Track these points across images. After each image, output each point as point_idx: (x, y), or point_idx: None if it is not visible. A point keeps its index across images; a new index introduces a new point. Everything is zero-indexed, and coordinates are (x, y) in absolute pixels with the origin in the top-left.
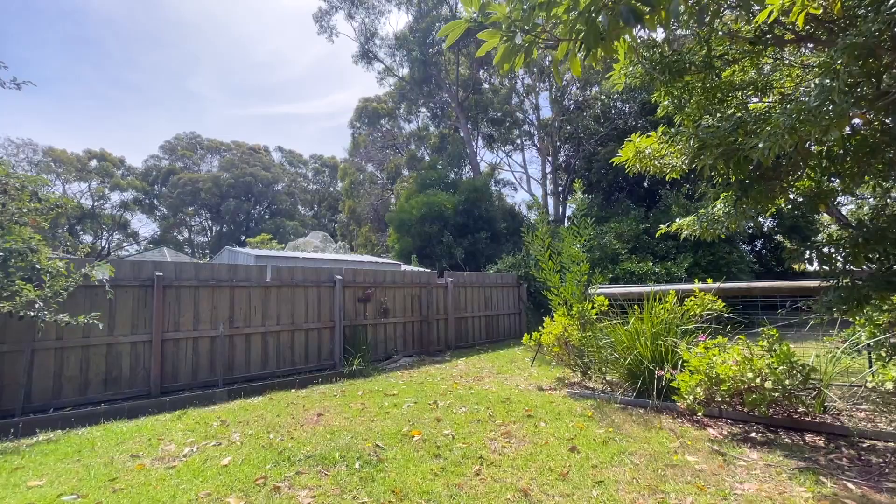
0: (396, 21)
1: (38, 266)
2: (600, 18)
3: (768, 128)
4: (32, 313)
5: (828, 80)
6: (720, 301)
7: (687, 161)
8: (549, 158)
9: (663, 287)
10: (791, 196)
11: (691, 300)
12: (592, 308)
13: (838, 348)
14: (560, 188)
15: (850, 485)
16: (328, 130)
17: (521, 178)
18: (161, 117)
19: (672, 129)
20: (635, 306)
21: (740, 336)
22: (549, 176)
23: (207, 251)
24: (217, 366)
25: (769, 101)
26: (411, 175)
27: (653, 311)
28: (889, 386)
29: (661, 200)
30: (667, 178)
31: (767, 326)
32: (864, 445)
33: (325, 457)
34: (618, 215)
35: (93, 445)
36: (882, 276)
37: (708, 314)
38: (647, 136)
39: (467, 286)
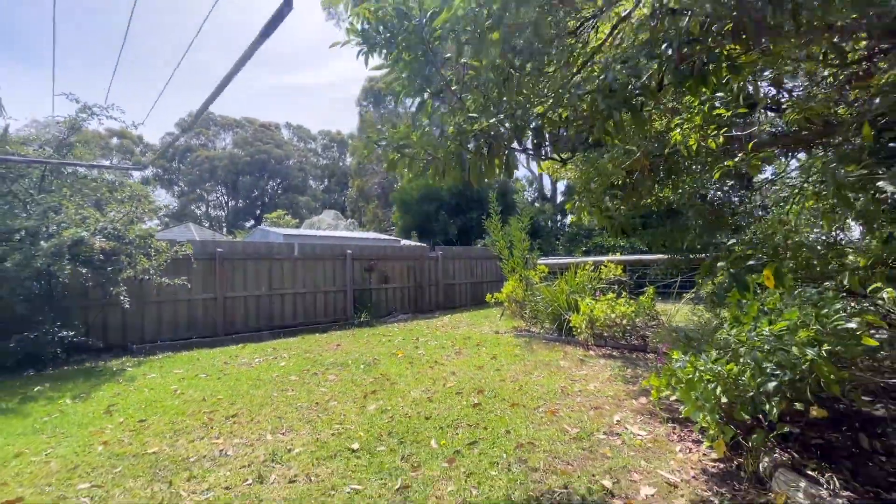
0: None
1: (151, 245)
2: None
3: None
4: (147, 277)
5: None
6: (620, 268)
7: (576, 176)
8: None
9: (584, 259)
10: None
11: (603, 268)
12: (535, 274)
13: (687, 302)
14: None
15: (639, 370)
16: (336, 102)
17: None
18: (171, 91)
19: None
20: (567, 272)
21: (624, 292)
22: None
23: (224, 225)
24: (261, 317)
25: None
26: None
27: (576, 275)
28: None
29: None
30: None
31: (650, 287)
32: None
33: (342, 363)
34: None
35: (197, 359)
36: (677, 254)
37: (614, 278)
38: (545, 161)
39: (455, 258)
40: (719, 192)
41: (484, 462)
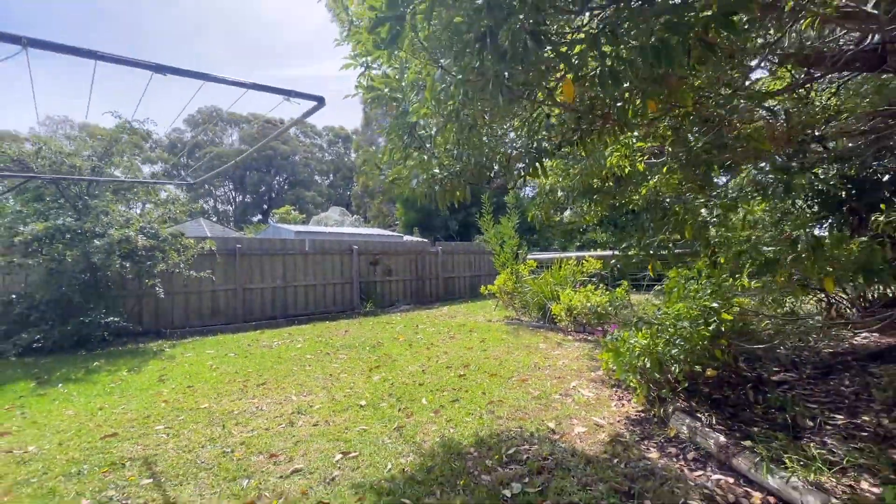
0: None
1: (181, 242)
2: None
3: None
4: (177, 270)
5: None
6: (600, 263)
7: (555, 181)
8: None
9: (569, 254)
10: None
11: (585, 262)
12: (525, 268)
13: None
14: None
15: None
16: (340, 96)
17: None
18: (177, 86)
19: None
20: (553, 266)
21: (602, 284)
22: None
23: (232, 219)
24: (277, 306)
25: None
26: None
27: (561, 269)
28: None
29: None
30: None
31: (626, 281)
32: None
33: (351, 345)
34: None
35: (223, 342)
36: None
37: (595, 271)
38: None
39: (454, 253)
40: (668, 199)
41: (462, 412)
